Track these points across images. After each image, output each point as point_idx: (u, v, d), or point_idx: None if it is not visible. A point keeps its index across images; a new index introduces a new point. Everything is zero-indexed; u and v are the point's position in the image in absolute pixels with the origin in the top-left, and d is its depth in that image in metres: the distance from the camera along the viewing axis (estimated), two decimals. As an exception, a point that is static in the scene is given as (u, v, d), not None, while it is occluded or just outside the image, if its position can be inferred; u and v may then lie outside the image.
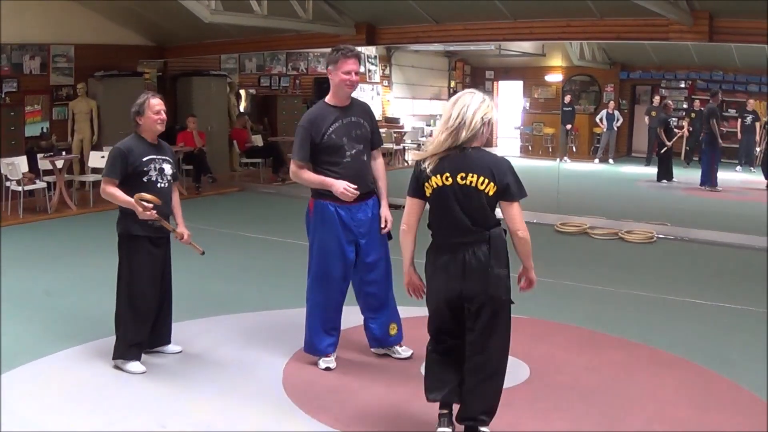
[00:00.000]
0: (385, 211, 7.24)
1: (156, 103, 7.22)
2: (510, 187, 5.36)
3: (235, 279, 10.62)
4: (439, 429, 5.72)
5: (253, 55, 23.58)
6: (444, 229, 5.51)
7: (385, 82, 28.80)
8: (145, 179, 7.12)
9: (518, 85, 31.89)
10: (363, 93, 26.75)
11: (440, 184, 5.39)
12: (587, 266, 11.86)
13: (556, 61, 30.36)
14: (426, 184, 5.45)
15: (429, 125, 29.35)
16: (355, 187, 6.82)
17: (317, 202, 7.08)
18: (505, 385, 5.79)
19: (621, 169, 25.86)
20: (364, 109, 7.27)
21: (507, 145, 31.08)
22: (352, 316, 7.80)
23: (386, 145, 24.86)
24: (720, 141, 20.32)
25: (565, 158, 26.34)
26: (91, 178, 16.65)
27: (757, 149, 24.79)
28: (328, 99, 7.07)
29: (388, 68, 28.84)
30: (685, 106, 27.75)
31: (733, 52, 24.70)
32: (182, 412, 6.22)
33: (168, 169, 7.34)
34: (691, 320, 9.04)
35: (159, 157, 7.27)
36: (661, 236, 13.82)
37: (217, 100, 21.60)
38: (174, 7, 15.57)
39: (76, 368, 7.13)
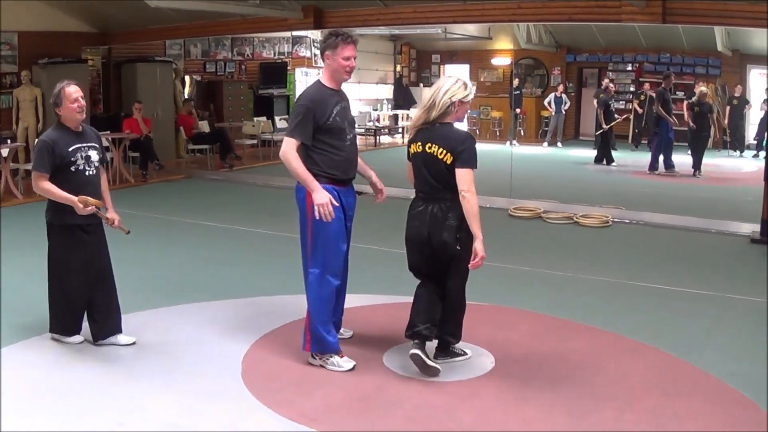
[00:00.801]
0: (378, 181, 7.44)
1: (72, 91, 7.10)
2: (461, 155, 6.46)
3: (185, 268, 10.37)
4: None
5: (198, 40, 23.33)
6: (418, 185, 6.79)
7: (331, 67, 28.53)
8: (72, 168, 7.08)
9: (465, 68, 31.70)
10: (307, 78, 26.58)
11: (415, 151, 6.73)
12: (544, 251, 11.75)
13: (503, 44, 30.29)
14: (409, 150, 6.86)
15: (375, 110, 29.24)
16: (337, 204, 6.73)
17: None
18: (470, 376, 6.67)
19: (569, 153, 25.89)
20: (346, 96, 7.17)
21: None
22: (303, 306, 7.68)
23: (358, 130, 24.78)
24: (671, 123, 20.20)
25: (514, 142, 26.25)
26: (36, 166, 16.28)
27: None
28: (325, 81, 6.94)
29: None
30: (632, 88, 27.82)
31: (681, 34, 24.77)
32: (140, 409, 5.98)
33: (94, 155, 7.28)
34: (652, 305, 8.97)
35: (84, 144, 7.21)
36: (616, 220, 13.75)
37: (163, 86, 21.31)
38: (117, -8, 15.33)
39: (24, 366, 6.86)
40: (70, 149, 7.06)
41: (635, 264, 10.98)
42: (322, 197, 6.56)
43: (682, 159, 20.15)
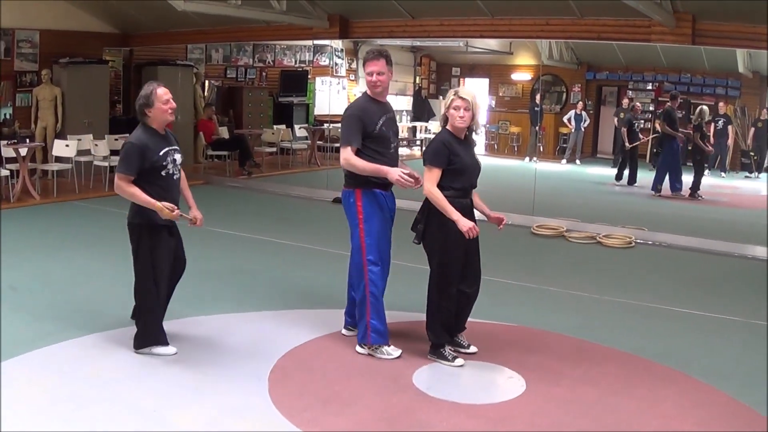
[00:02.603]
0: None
1: (163, 92, 7.12)
2: (424, 155, 7.22)
3: (206, 278, 10.14)
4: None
5: (220, 45, 23.27)
6: None
7: (352, 76, 28.47)
8: (163, 173, 7.11)
9: (484, 82, 31.60)
10: (329, 87, 26.53)
11: None
12: (569, 271, 11.63)
13: (523, 59, 30.16)
14: None
15: (395, 121, 29.12)
16: (408, 172, 7.14)
17: (367, 191, 7.28)
18: (501, 399, 6.61)
19: (588, 170, 25.75)
20: (392, 108, 7.64)
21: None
22: (331, 322, 7.62)
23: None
24: (679, 138, 20.01)
25: (535, 158, 26.12)
26: (54, 167, 16.33)
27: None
28: (370, 94, 7.42)
29: (354, 62, 28.52)
30: (651, 108, 27.71)
31: (702, 54, 24.65)
32: (163, 422, 5.87)
33: (179, 158, 7.35)
34: (680, 330, 8.87)
35: (171, 147, 7.25)
36: (639, 241, 13.62)
37: (184, 90, 21.17)
38: (141, -5, 15.28)
39: (45, 374, 6.74)
40: (161, 153, 7.08)
41: (661, 287, 10.86)
42: (393, 174, 7.06)
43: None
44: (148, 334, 7.24)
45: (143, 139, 7.00)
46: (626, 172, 21.93)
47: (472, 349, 7.61)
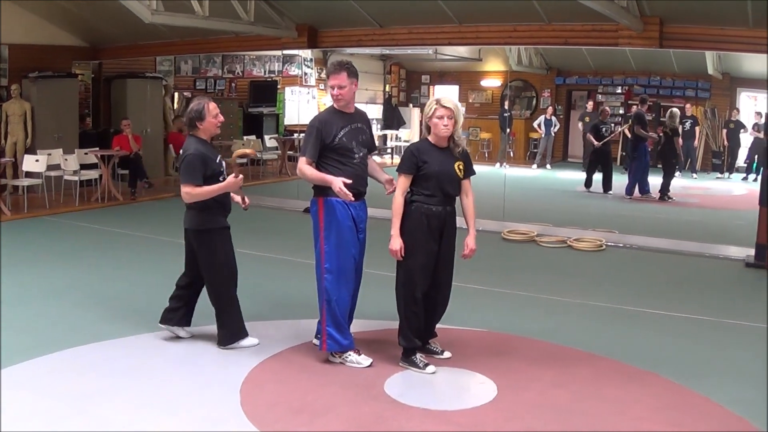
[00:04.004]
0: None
1: (213, 107, 7.71)
2: None
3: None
4: None
5: (189, 57, 23.26)
6: None
7: (321, 86, 28.46)
8: (221, 179, 7.66)
9: (454, 89, 31.69)
10: (299, 96, 26.54)
11: None
12: (540, 276, 11.66)
13: (492, 65, 30.33)
14: None
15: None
16: (350, 181, 7.16)
17: (328, 200, 7.29)
18: (473, 404, 6.59)
19: (559, 175, 25.88)
20: (364, 118, 7.73)
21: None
22: (303, 332, 7.96)
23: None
24: (651, 139, 20.11)
25: (505, 164, 26.16)
26: (25, 182, 16.28)
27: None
28: (334, 105, 7.48)
29: (324, 71, 28.49)
30: (621, 111, 27.85)
31: (671, 57, 24.80)
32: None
33: (224, 164, 7.85)
34: (651, 331, 8.91)
35: (220, 156, 7.85)
36: (610, 244, 13.68)
37: (153, 102, 21.20)
38: (111, 7, 15.27)
39: (17, 386, 6.71)
40: (218, 161, 7.70)
41: (632, 289, 10.92)
42: (336, 184, 7.03)
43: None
44: (237, 329, 7.88)
45: (201, 149, 7.55)
46: (598, 178, 21.45)
47: (446, 354, 7.64)
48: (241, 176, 7.67)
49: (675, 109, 20.49)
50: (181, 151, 7.72)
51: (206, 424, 6.08)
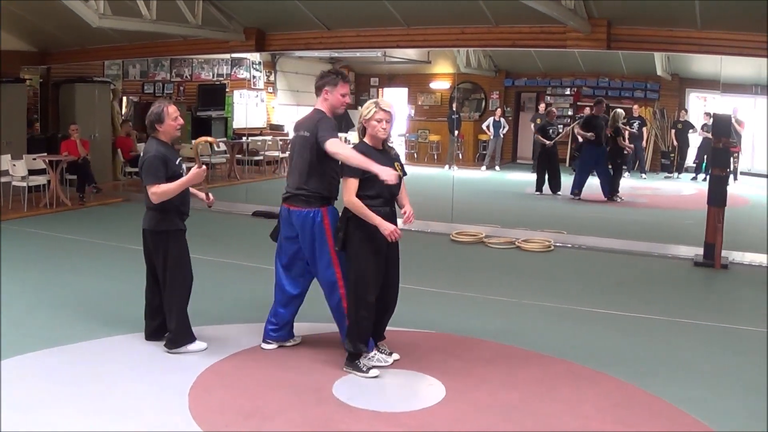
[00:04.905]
0: None
1: (173, 110, 7.76)
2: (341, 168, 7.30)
3: (127, 296, 9.97)
4: None
5: (137, 61, 23.15)
6: None
7: (270, 89, 28.43)
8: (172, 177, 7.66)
9: (403, 92, 31.76)
10: (247, 100, 26.49)
11: None
12: (488, 277, 11.72)
13: (442, 68, 30.40)
14: None
15: (314, 132, 29.05)
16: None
17: (332, 208, 7.57)
18: (421, 406, 6.64)
19: (508, 176, 25.95)
20: (304, 125, 7.79)
21: (392, 153, 30.94)
22: (252, 336, 8.00)
23: (271, 153, 24.65)
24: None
25: (453, 166, 26.21)
26: (-25, 187, 16.08)
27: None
28: (328, 112, 7.66)
29: (272, 74, 28.49)
30: (570, 112, 27.99)
31: (620, 58, 24.97)
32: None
33: (184, 167, 7.87)
34: (601, 331, 8.98)
35: (180, 158, 7.90)
36: (558, 244, 13.76)
37: (101, 107, 21.08)
38: (58, 11, 15.15)
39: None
40: (177, 162, 7.74)
41: (580, 289, 11.01)
42: (387, 172, 6.94)
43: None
44: (185, 333, 7.85)
45: (161, 150, 7.62)
46: (548, 181, 21.59)
47: (394, 356, 7.65)
48: (204, 167, 7.72)
49: (619, 110, 20.56)
50: (141, 153, 7.76)
51: (155, 429, 6.03)
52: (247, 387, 6.92)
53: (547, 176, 21.40)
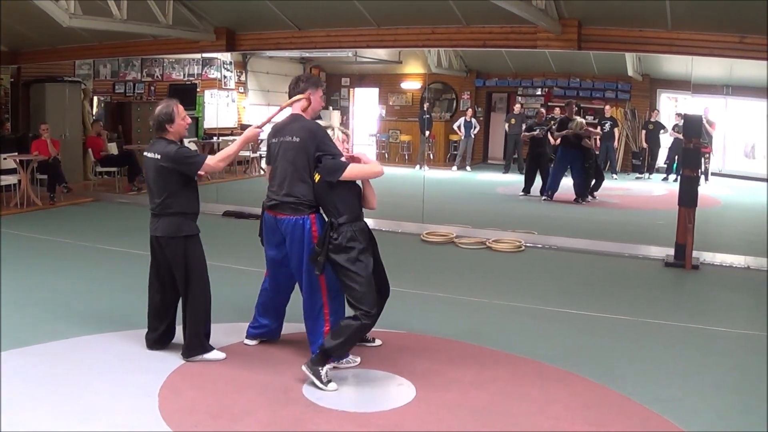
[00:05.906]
0: None
1: (182, 109, 7.72)
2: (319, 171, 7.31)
3: (96, 296, 10.03)
4: None
5: (108, 61, 23.08)
6: None
7: (241, 89, 28.37)
8: (195, 178, 7.75)
9: (374, 92, 31.75)
10: (218, 100, 26.43)
11: None
12: (458, 277, 11.75)
13: (413, 68, 30.38)
14: None
15: (285, 132, 29.02)
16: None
17: (321, 215, 7.50)
18: (391, 406, 6.65)
19: (479, 177, 25.97)
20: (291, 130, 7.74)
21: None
22: (222, 336, 8.03)
23: (243, 153, 24.58)
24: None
25: (424, 166, 26.23)
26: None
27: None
28: (308, 116, 7.74)
29: (243, 74, 28.44)
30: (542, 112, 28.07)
31: (591, 59, 25.03)
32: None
33: None
34: (571, 331, 9.01)
35: None
36: (529, 245, 13.78)
37: (71, 107, 21.05)
38: (29, 11, 15.07)
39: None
40: None
41: (550, 289, 11.03)
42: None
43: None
44: (206, 341, 7.71)
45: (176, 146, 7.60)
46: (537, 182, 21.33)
47: (377, 342, 8.00)
48: (260, 128, 7.84)
49: (579, 120, 20.20)
50: (158, 156, 7.55)
51: (124, 429, 6.02)
52: (216, 387, 6.91)
53: (539, 177, 21.31)
